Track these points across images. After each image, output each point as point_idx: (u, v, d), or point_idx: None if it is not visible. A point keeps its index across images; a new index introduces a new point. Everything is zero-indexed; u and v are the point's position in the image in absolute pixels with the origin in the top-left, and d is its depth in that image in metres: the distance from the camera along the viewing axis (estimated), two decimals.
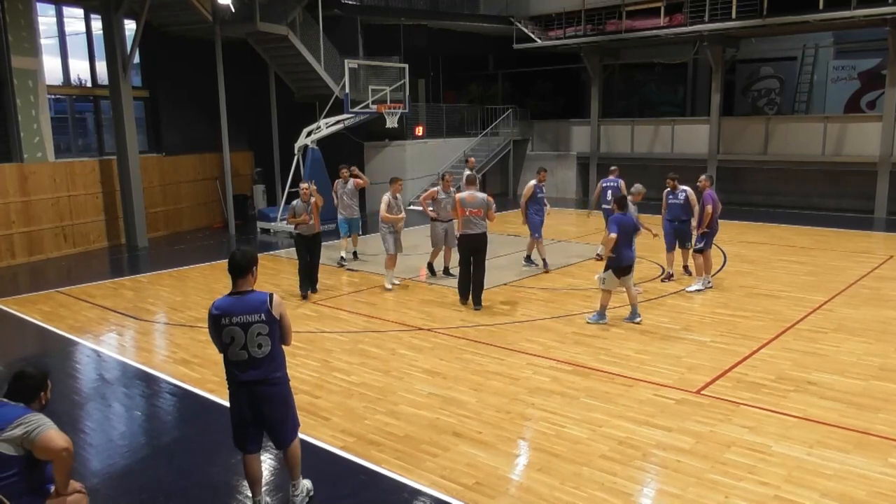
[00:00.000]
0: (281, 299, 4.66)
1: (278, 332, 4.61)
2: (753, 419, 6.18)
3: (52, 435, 3.82)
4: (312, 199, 10.52)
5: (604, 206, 12.72)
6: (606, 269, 9.01)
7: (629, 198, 9.92)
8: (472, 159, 15.14)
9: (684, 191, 11.27)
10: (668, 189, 11.54)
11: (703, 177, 11.23)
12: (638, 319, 9.07)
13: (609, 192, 12.35)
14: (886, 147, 17.83)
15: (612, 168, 13.52)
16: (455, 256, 10.69)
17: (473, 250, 9.78)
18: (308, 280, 10.89)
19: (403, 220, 11.40)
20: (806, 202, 19.80)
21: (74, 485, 4.11)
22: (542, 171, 13.20)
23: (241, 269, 4.56)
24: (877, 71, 19.93)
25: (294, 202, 10.63)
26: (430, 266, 12.19)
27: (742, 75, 23.47)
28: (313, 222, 10.58)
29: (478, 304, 9.93)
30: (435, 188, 11.79)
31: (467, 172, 12.57)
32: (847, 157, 18.65)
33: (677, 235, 11.34)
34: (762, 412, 6.33)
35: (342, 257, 13.31)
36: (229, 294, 4.59)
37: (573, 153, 23.89)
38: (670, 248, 11.38)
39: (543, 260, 12.37)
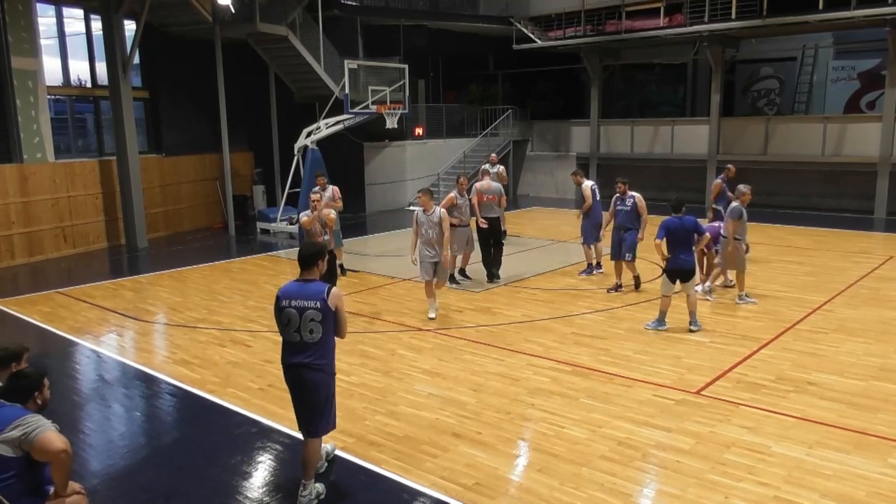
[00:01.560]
0: (340, 292, 4.96)
1: (332, 322, 4.90)
2: (753, 419, 6.19)
3: (51, 436, 3.82)
4: (328, 213, 9.61)
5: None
6: (662, 273, 8.90)
7: (737, 200, 10.08)
8: (494, 155, 16.32)
9: (632, 197, 10.60)
10: (617, 195, 10.76)
11: (745, 188, 10.29)
12: (694, 328, 8.70)
13: (622, 215, 10.69)
14: (886, 147, 17.83)
15: (619, 183, 10.95)
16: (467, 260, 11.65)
17: (491, 231, 11.40)
18: None
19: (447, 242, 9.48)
20: (805, 202, 19.79)
21: (74, 486, 4.11)
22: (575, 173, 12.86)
23: (306, 261, 5.00)
24: (876, 71, 19.92)
25: (303, 213, 9.68)
26: (453, 276, 11.27)
27: (742, 76, 23.46)
28: (328, 238, 9.50)
29: (497, 276, 11.64)
30: (452, 194, 11.08)
31: (485, 166, 14.11)
32: (847, 158, 18.64)
33: (622, 245, 10.52)
34: (762, 412, 6.33)
35: (341, 265, 12.14)
36: (295, 280, 5.04)
37: (573, 153, 23.89)
38: (614, 257, 10.70)
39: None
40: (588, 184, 12.07)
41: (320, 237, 9.35)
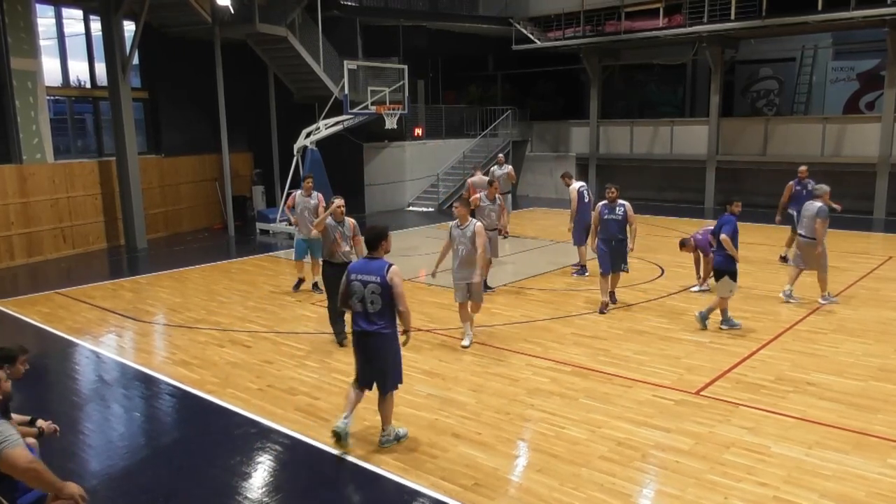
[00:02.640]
0: (398, 270, 5.65)
1: (390, 295, 5.57)
2: (752, 420, 6.19)
3: (17, 454, 3.73)
4: (349, 221, 8.58)
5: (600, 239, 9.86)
6: (722, 275, 8.63)
7: (819, 200, 10.03)
8: (502, 156, 16.84)
9: (623, 205, 9.59)
10: (605, 202, 9.72)
11: (826, 187, 10.36)
12: (737, 325, 8.71)
13: (613, 225, 9.64)
14: (885, 148, 17.84)
15: (612, 189, 9.76)
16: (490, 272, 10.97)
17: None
18: (342, 321, 8.48)
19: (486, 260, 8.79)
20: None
21: (71, 487, 4.04)
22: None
23: (371, 242, 5.71)
24: (876, 72, 19.94)
25: (328, 221, 8.51)
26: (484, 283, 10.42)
27: (741, 76, 23.48)
28: (349, 249, 8.48)
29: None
30: (477, 195, 10.78)
31: (493, 167, 15.59)
32: (846, 158, 18.65)
33: (614, 257, 9.66)
34: (761, 413, 6.34)
35: (315, 283, 11.17)
36: (363, 257, 5.82)
37: (572, 154, 23.90)
38: (608, 271, 9.70)
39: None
40: (576, 186, 12.01)
41: (340, 245, 8.38)
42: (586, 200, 11.82)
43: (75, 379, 7.88)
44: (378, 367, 5.72)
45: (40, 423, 4.86)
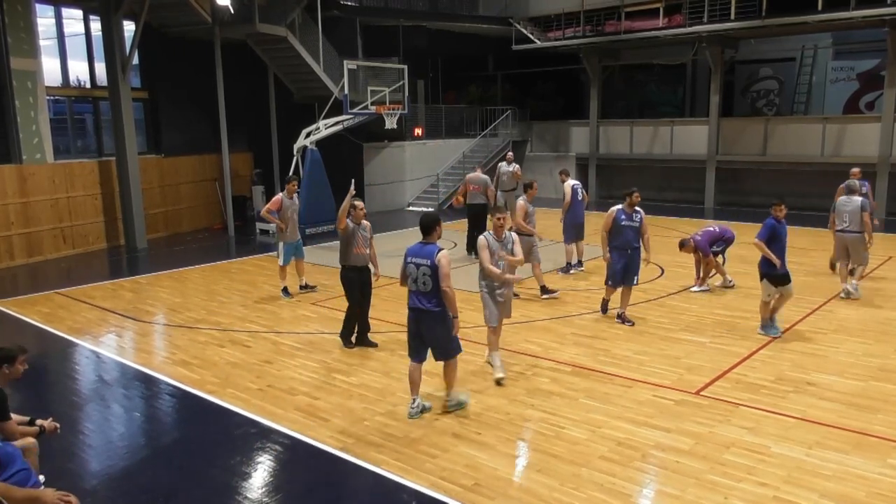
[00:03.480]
0: (447, 254, 6.19)
1: (438, 277, 6.11)
2: (752, 420, 6.19)
3: None
4: (367, 224, 8.41)
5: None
6: (762, 278, 8.50)
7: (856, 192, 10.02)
8: (511, 154, 16.62)
9: (640, 212, 9.03)
10: (621, 207, 9.01)
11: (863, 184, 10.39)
12: (774, 333, 8.43)
13: (630, 232, 9.01)
14: (885, 148, 17.84)
15: (635, 194, 9.07)
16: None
17: (477, 217, 12.95)
18: (357, 323, 8.47)
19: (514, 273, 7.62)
20: (805, 203, 19.76)
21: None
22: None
23: (425, 228, 6.34)
24: (876, 72, 19.93)
25: (350, 226, 8.24)
26: (543, 287, 10.57)
27: (741, 76, 23.48)
28: (368, 251, 8.38)
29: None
30: (521, 201, 10.26)
31: (501, 164, 15.32)
32: (846, 158, 18.61)
33: (627, 268, 9.00)
34: (761, 413, 6.33)
35: (306, 284, 11.30)
36: (418, 242, 6.33)
37: (572, 154, 23.89)
38: (616, 284, 9.11)
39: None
40: (570, 183, 12.18)
41: (361, 248, 8.23)
42: (580, 198, 12.09)
43: (75, 379, 7.87)
44: (432, 341, 6.39)
45: (41, 421, 4.86)
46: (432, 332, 6.32)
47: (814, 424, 6.09)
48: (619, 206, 9.03)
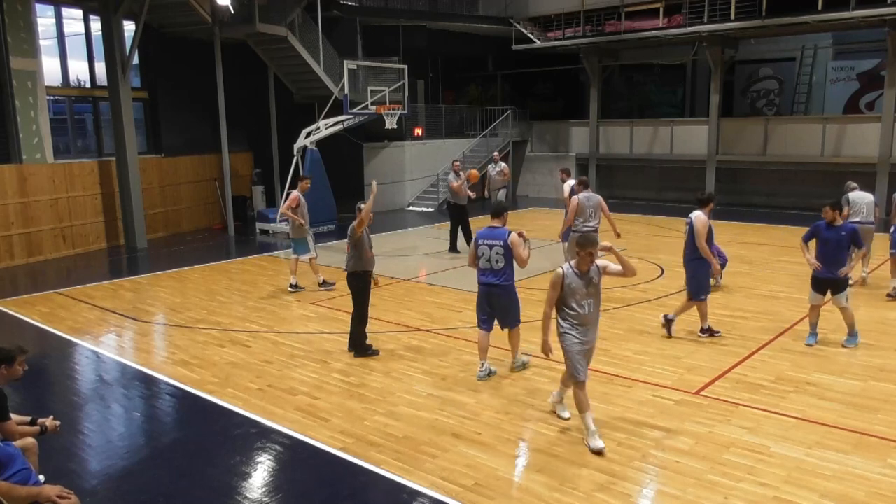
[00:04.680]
0: (516, 236, 7.05)
1: (511, 255, 7.04)
2: (752, 420, 6.19)
3: None
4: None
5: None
6: (847, 284, 8.08)
7: None
8: (497, 154, 17.96)
9: (690, 219, 8.50)
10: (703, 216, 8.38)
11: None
12: (850, 343, 8.08)
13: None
14: (885, 148, 17.84)
15: (712, 202, 8.59)
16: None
17: (462, 212, 14.16)
18: (364, 329, 8.24)
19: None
20: (805, 203, 19.76)
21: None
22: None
23: (496, 213, 7.33)
24: (876, 72, 19.93)
25: (355, 229, 8.08)
26: None
27: (741, 76, 23.48)
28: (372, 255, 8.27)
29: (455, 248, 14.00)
30: (574, 196, 10.51)
31: (490, 165, 16.88)
32: (846, 158, 18.66)
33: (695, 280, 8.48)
34: (761, 413, 6.33)
35: (324, 281, 11.41)
36: (487, 226, 7.23)
37: (572, 154, 23.90)
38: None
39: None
40: (570, 183, 12.14)
41: (371, 252, 8.15)
42: None
43: (75, 379, 7.87)
44: (501, 311, 7.27)
45: (42, 420, 4.86)
46: (502, 303, 7.23)
47: (814, 424, 6.08)
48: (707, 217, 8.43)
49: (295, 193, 11.21)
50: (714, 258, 8.39)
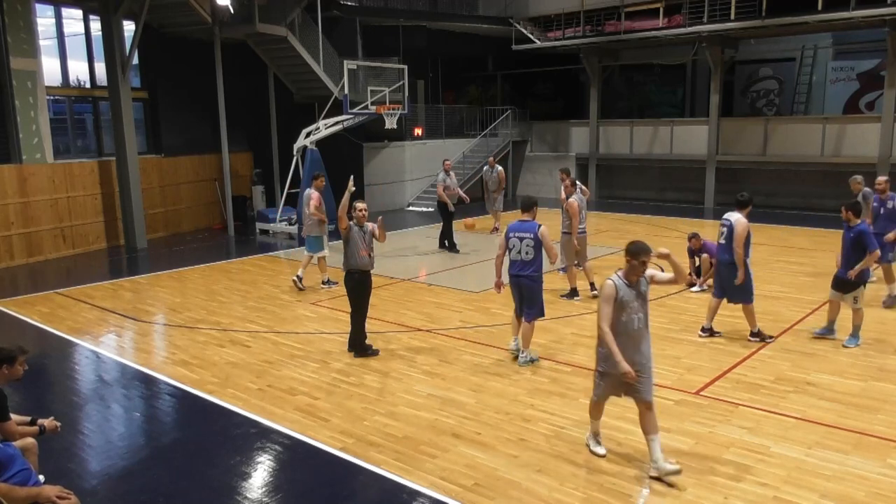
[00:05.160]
0: (545, 229, 7.45)
1: (540, 248, 7.45)
2: (752, 420, 6.19)
3: None
4: (371, 227, 8.09)
5: None
6: (860, 285, 8.08)
7: None
8: (492, 158, 17.82)
9: (728, 220, 8.29)
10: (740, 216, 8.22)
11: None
12: (850, 343, 8.09)
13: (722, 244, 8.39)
14: (885, 148, 17.83)
15: (749, 204, 8.47)
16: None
17: (447, 216, 14.44)
18: (361, 329, 8.22)
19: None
20: (805, 203, 19.80)
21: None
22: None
23: (526, 207, 7.71)
24: (876, 72, 19.92)
25: (352, 227, 7.97)
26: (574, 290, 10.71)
27: (741, 76, 23.47)
28: (368, 255, 8.07)
29: (454, 248, 14.34)
30: (573, 199, 10.60)
31: (485, 168, 17.25)
32: (846, 158, 18.64)
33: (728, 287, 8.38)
34: (761, 413, 6.33)
35: (328, 280, 11.49)
36: (518, 220, 7.64)
37: (572, 154, 23.89)
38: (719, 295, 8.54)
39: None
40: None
41: (364, 251, 7.95)
42: None
43: (75, 379, 7.87)
44: (528, 301, 7.58)
45: (41, 420, 4.86)
46: (529, 294, 7.58)
47: (814, 424, 6.09)
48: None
49: (316, 193, 11.33)
50: (742, 266, 8.08)
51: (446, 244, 14.51)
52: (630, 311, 5.19)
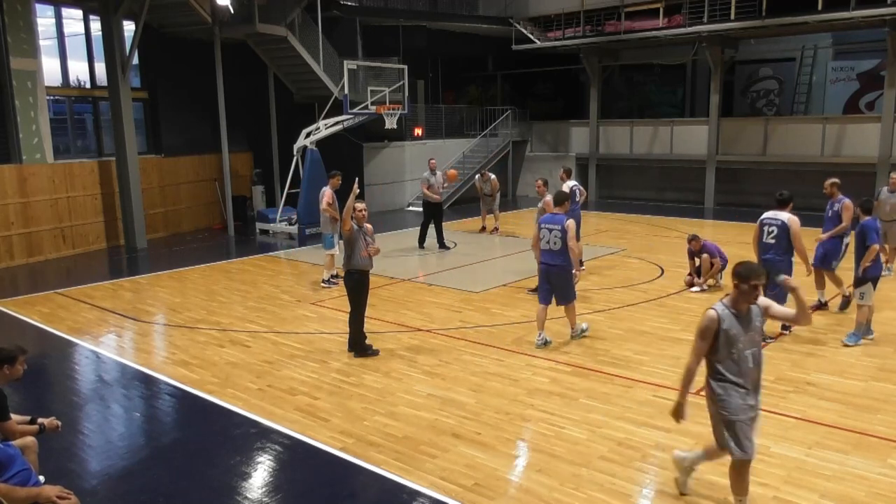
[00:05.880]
0: (571, 222, 8.00)
1: (566, 238, 7.89)
2: None
3: None
4: (369, 227, 8.20)
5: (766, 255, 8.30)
6: (866, 281, 8.08)
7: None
8: (488, 173, 17.48)
9: (779, 220, 8.27)
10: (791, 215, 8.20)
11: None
12: (850, 340, 8.17)
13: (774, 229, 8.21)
14: (885, 148, 17.83)
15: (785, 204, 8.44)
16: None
17: (436, 210, 14.84)
18: (360, 328, 8.23)
19: None
20: (805, 203, 19.69)
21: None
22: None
23: (558, 202, 8.34)
24: (876, 72, 19.93)
25: (353, 227, 7.97)
26: None
27: (741, 76, 23.47)
28: (368, 255, 8.10)
29: (446, 245, 14.75)
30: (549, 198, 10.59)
31: (477, 177, 17.48)
32: (846, 158, 18.65)
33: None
34: (761, 413, 6.31)
35: (334, 275, 11.61)
36: (550, 213, 8.30)
37: (572, 154, 23.89)
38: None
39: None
40: (569, 184, 12.21)
41: (364, 251, 7.97)
42: (577, 199, 12.05)
43: (75, 379, 7.87)
44: (558, 289, 8.17)
45: (41, 419, 4.86)
46: (559, 282, 8.10)
47: (814, 424, 6.08)
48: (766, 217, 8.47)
49: (329, 191, 11.44)
50: (807, 261, 8.28)
51: (444, 243, 14.66)
52: (741, 346, 4.42)
